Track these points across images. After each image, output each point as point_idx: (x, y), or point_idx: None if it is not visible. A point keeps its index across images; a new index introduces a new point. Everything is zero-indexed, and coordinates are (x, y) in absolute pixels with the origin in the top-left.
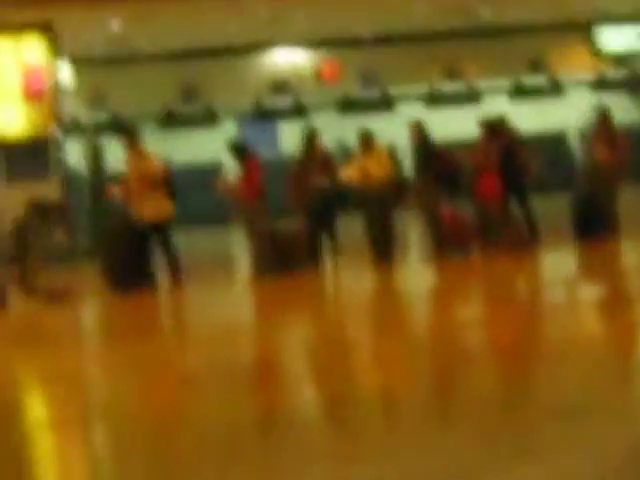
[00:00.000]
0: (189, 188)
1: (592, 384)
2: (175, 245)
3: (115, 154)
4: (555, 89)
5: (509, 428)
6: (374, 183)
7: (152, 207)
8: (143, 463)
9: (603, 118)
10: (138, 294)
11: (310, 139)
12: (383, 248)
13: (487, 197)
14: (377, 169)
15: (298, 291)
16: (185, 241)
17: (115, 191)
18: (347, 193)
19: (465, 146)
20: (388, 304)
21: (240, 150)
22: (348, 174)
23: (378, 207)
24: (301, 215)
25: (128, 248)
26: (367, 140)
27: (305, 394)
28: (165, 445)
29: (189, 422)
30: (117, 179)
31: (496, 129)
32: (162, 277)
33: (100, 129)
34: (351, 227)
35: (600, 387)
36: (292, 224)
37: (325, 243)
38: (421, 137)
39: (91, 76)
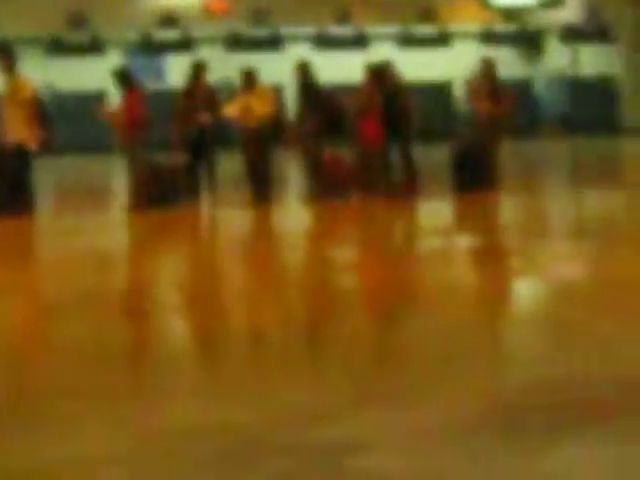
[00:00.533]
0: (73, 116)
1: (460, 333)
2: (30, 175)
3: None
4: (443, 39)
5: (378, 371)
6: (254, 121)
7: (20, 132)
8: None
9: (486, 70)
10: (13, 217)
11: (196, 72)
12: (260, 186)
13: (368, 142)
14: (259, 107)
15: (173, 225)
16: (67, 169)
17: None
18: (227, 129)
19: (350, 90)
20: (260, 242)
21: (124, 77)
22: (229, 111)
23: (257, 145)
24: (182, 149)
25: (6, 170)
26: (250, 78)
27: (173, 327)
28: (25, 370)
29: (51, 347)
30: None
31: (380, 74)
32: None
33: None
34: (232, 164)
35: (469, 332)
36: (173, 157)
37: (203, 178)
38: (306, 78)
39: None
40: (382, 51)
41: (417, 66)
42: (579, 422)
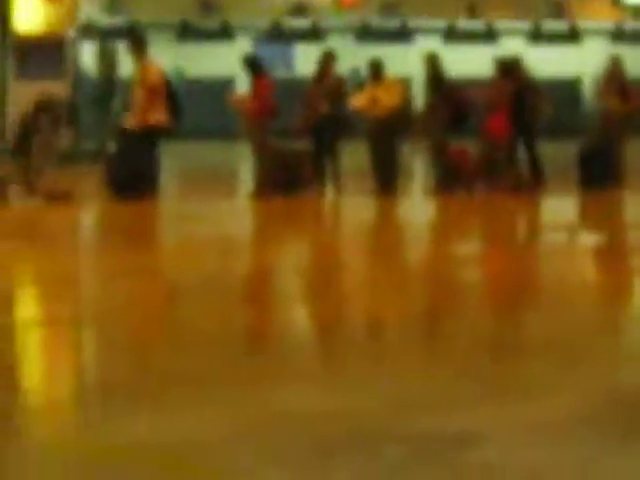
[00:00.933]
0: (201, 101)
1: (583, 328)
2: (158, 158)
3: (128, 60)
4: (573, 36)
5: (498, 365)
6: (382, 112)
7: (151, 116)
8: (126, 367)
9: (615, 68)
10: (137, 201)
11: (326, 61)
12: (385, 177)
13: (495, 137)
14: (386, 98)
15: (297, 213)
16: (193, 155)
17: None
18: (352, 120)
19: (479, 84)
20: (385, 233)
21: (253, 64)
22: (357, 102)
23: (383, 136)
24: (307, 136)
25: (132, 154)
26: (377, 69)
27: (294, 314)
28: (149, 352)
29: (175, 330)
30: (127, 84)
31: (510, 69)
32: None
33: (115, 34)
34: (359, 154)
35: (590, 332)
36: (299, 145)
37: (328, 168)
38: (435, 70)
39: None
40: (512, 46)
41: (547, 62)
42: None
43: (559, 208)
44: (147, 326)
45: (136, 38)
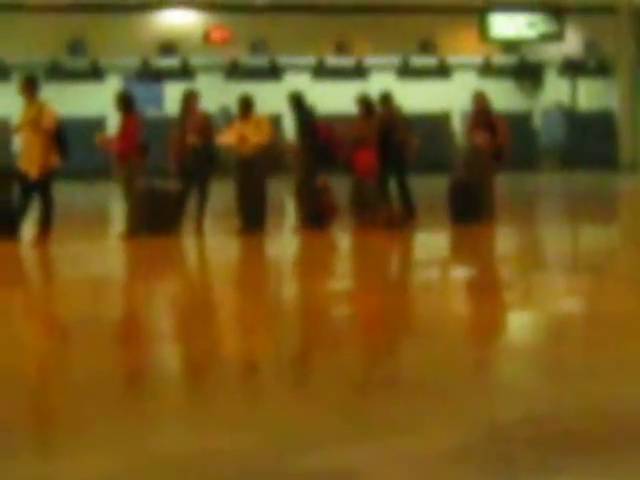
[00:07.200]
0: (72, 142)
1: (456, 364)
2: (52, 199)
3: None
4: (442, 71)
5: (372, 401)
6: (249, 149)
7: (40, 159)
8: (2, 412)
9: (480, 103)
10: (9, 243)
11: (188, 100)
12: (253, 215)
13: (364, 172)
14: (254, 135)
15: (166, 252)
16: (65, 195)
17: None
18: (219, 156)
19: (348, 120)
20: (254, 271)
21: (125, 101)
22: (225, 138)
23: (250, 173)
24: (177, 176)
25: (6, 195)
26: (246, 105)
27: (169, 354)
28: (26, 396)
29: (49, 372)
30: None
31: (372, 106)
32: (32, 228)
33: None
34: (226, 191)
35: (463, 368)
36: (169, 184)
37: (195, 205)
38: (300, 109)
39: None
40: (382, 81)
41: (416, 97)
42: (566, 454)
43: (430, 243)
44: (22, 368)
45: (28, 79)
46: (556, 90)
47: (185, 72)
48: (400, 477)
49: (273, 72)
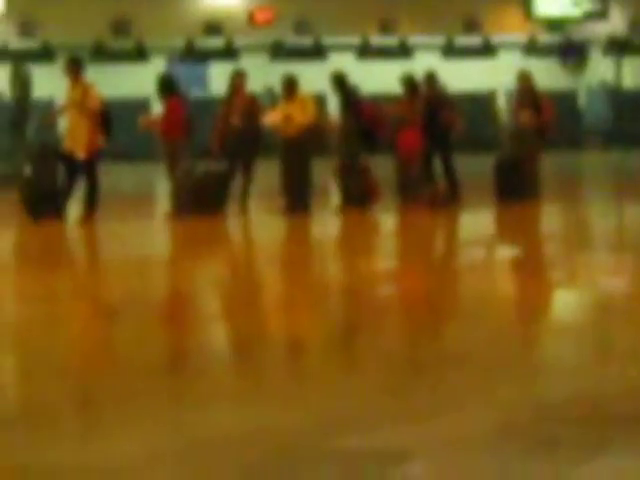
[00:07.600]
0: (116, 123)
1: (503, 343)
2: (98, 179)
3: (41, 82)
4: (487, 50)
5: (419, 380)
6: (294, 129)
7: (86, 140)
8: (50, 391)
9: (525, 82)
10: (55, 224)
11: (236, 80)
12: (298, 195)
13: (408, 153)
14: (299, 115)
15: (211, 231)
16: (109, 176)
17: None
18: (265, 137)
19: (393, 100)
20: (300, 251)
21: (166, 85)
22: (270, 119)
23: (295, 153)
24: (218, 155)
25: (52, 176)
26: (290, 86)
27: (215, 333)
28: (75, 377)
29: (96, 352)
30: (41, 107)
31: (416, 86)
32: (78, 208)
33: (28, 56)
34: (272, 172)
35: (511, 346)
36: (214, 164)
37: (240, 185)
38: (343, 89)
39: (22, 3)
40: (426, 60)
41: (461, 76)
42: (611, 435)
43: (475, 222)
44: (69, 349)
45: (73, 61)
46: (600, 69)
47: (229, 53)
48: (446, 457)
49: (317, 52)
